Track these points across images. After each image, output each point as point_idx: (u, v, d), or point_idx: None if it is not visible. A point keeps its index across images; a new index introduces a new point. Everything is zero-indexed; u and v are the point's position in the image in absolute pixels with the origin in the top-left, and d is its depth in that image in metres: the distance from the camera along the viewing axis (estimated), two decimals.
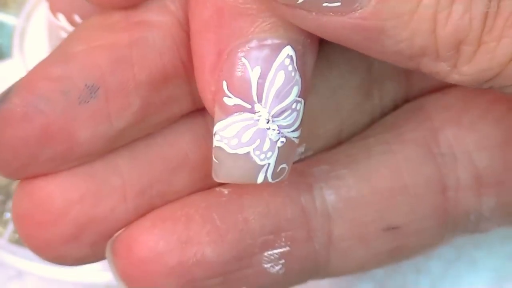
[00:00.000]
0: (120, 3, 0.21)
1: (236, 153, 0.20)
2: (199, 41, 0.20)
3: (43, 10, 0.33)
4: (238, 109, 0.19)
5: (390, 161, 0.24)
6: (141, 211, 0.22)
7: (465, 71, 0.19)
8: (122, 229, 0.22)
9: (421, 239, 0.24)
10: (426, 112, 0.25)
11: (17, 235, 0.33)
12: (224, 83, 0.19)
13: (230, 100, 0.19)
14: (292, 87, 0.20)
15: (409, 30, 0.18)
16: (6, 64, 0.33)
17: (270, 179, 0.20)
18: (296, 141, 0.20)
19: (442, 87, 0.25)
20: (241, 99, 0.19)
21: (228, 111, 0.20)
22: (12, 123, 0.20)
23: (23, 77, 0.21)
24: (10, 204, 0.33)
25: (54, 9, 0.26)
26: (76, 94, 0.20)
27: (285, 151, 0.20)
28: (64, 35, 0.26)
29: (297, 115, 0.20)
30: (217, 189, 0.23)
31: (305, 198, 0.23)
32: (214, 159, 0.20)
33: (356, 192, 0.24)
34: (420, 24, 0.18)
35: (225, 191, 0.23)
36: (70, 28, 0.26)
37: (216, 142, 0.20)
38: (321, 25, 0.18)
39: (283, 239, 0.23)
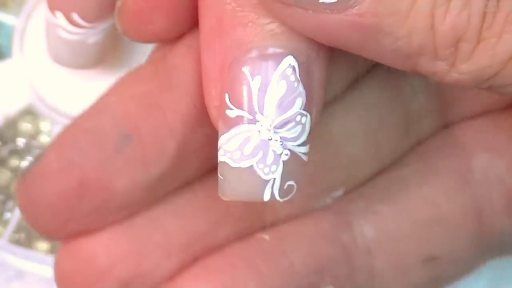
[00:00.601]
0: (155, 38, 0.21)
1: (239, 167, 0.19)
2: (204, 57, 0.20)
3: (43, 10, 0.32)
4: (240, 120, 0.19)
5: (426, 192, 0.24)
6: (185, 264, 0.22)
7: (464, 69, 0.18)
8: (166, 282, 0.22)
9: (459, 267, 0.25)
10: (457, 139, 0.25)
11: (17, 236, 0.33)
12: (226, 96, 0.19)
13: (232, 112, 0.19)
14: (295, 98, 0.19)
15: (407, 28, 0.18)
16: (6, 64, 0.33)
17: (277, 197, 0.19)
18: (304, 158, 0.20)
19: (479, 114, 0.25)
20: (242, 110, 0.19)
21: (231, 124, 0.19)
22: (49, 179, 0.20)
23: (58, 133, 0.21)
24: (10, 204, 0.33)
25: (52, 7, 0.26)
26: (110, 144, 0.20)
27: (291, 166, 0.19)
28: (62, 33, 0.26)
29: (302, 129, 0.19)
30: (258, 235, 0.23)
31: (346, 236, 0.23)
32: (219, 175, 0.19)
33: (395, 226, 0.23)
34: (417, 22, 0.18)
35: (266, 237, 0.22)
36: (69, 27, 0.25)
37: (220, 157, 0.19)
38: (318, 24, 0.18)
39: (327, 279, 0.23)
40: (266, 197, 0.19)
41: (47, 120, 0.33)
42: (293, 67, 0.19)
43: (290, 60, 0.19)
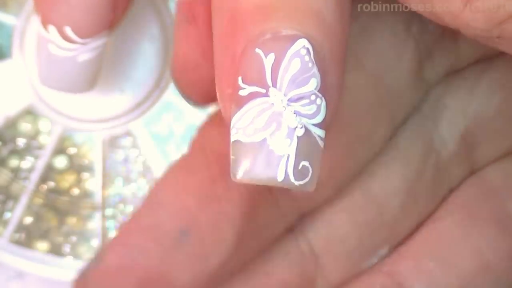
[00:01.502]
0: (204, 87, 0.22)
1: (252, 142, 0.18)
2: (217, 50, 0.19)
3: None
4: (253, 96, 0.18)
5: (469, 244, 0.24)
6: None
7: (478, 6, 0.18)
8: None
9: None
10: (489, 185, 0.25)
11: (17, 235, 0.33)
12: (239, 79, 0.18)
13: (245, 91, 0.18)
14: (309, 77, 0.18)
15: None
16: (6, 64, 0.33)
17: (292, 178, 0.18)
18: (320, 142, 0.19)
19: (504, 155, 0.25)
20: (255, 86, 0.18)
21: (243, 102, 0.18)
22: (112, 280, 0.20)
23: (116, 233, 0.21)
24: (10, 204, 0.33)
25: (45, 21, 0.25)
26: (169, 240, 0.20)
27: (306, 145, 0.19)
28: (53, 49, 0.25)
29: (318, 109, 0.19)
30: None
31: None
32: (231, 156, 0.19)
33: (444, 281, 0.23)
34: None
35: None
36: (61, 42, 0.25)
37: (232, 137, 0.19)
38: None
39: None
40: (280, 176, 0.18)
41: (47, 121, 0.33)
42: (307, 49, 0.18)
43: (304, 42, 0.18)
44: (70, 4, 0.24)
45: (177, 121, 0.33)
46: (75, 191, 0.33)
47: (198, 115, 0.33)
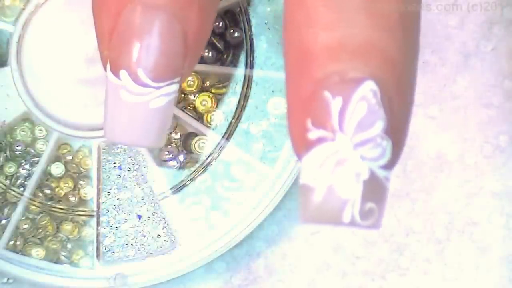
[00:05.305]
0: None
1: (319, 187, 0.19)
2: (289, 91, 0.20)
3: (41, 18, 0.33)
4: (321, 141, 0.19)
5: None
6: None
7: None
8: None
9: None
10: None
11: (13, 242, 0.33)
12: (309, 121, 0.19)
13: (313, 134, 0.19)
14: (375, 120, 0.19)
15: None
16: (3, 71, 0.33)
17: (358, 219, 0.19)
18: (386, 182, 0.20)
19: None
20: (323, 130, 0.19)
21: (312, 145, 0.19)
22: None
23: None
24: (5, 210, 0.33)
25: (116, 67, 0.24)
26: None
27: (372, 188, 0.19)
28: (124, 95, 0.24)
29: (383, 152, 0.19)
30: None
31: None
32: (300, 199, 0.19)
33: None
34: None
35: None
36: (132, 86, 0.23)
37: (301, 179, 0.19)
38: None
39: None
40: (346, 218, 0.19)
41: (43, 127, 0.33)
42: (374, 92, 0.19)
43: (370, 84, 0.19)
44: (144, 46, 0.23)
45: (173, 130, 0.33)
46: (71, 198, 0.33)
47: (194, 124, 0.33)
